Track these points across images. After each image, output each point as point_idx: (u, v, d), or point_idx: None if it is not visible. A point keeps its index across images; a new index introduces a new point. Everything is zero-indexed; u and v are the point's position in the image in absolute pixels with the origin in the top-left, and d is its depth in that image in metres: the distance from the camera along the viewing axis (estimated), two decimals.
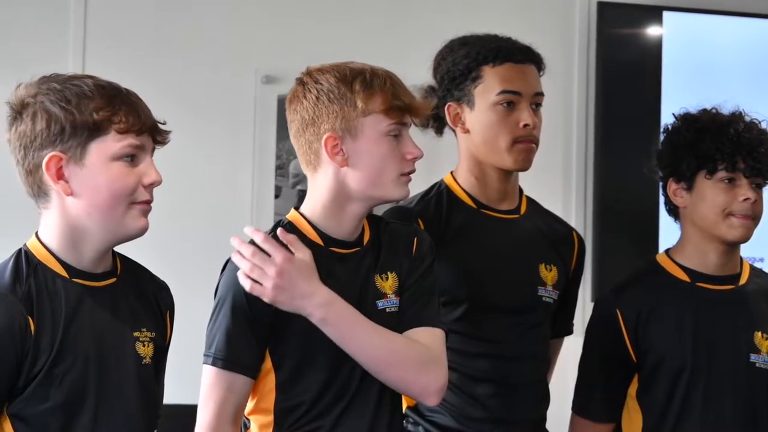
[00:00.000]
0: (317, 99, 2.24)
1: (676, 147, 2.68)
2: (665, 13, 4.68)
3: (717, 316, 2.66)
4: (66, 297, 2.01)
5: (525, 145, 2.63)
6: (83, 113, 1.98)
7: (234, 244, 2.18)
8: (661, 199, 2.77)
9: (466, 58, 2.65)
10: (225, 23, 4.47)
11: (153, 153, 2.07)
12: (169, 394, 2.21)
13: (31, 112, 1.99)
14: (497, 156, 2.63)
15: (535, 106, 2.65)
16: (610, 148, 4.59)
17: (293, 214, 2.31)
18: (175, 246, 4.23)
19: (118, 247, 2.10)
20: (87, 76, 2.04)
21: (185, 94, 4.36)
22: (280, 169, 4.44)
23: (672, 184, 2.70)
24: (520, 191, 2.74)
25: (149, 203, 2.05)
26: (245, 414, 2.27)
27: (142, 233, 2.05)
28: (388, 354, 2.21)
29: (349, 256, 2.28)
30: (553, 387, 2.76)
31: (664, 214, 2.81)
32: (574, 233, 2.81)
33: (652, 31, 4.69)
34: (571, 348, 2.88)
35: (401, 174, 2.26)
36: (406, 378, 2.24)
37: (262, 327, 2.20)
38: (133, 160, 2.02)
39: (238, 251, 2.17)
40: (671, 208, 2.73)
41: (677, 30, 4.68)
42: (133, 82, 2.12)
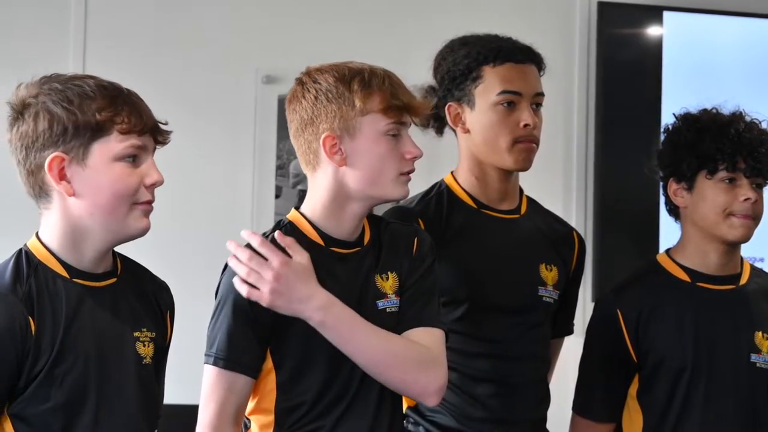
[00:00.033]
0: (316, 99, 2.24)
1: (676, 147, 2.68)
2: (665, 13, 4.68)
3: (717, 316, 2.66)
4: (66, 297, 2.01)
5: (525, 145, 2.62)
6: (86, 114, 1.98)
7: (230, 248, 2.17)
8: (662, 199, 2.77)
9: (466, 58, 2.65)
10: (225, 23, 4.47)
11: (154, 153, 2.06)
12: (169, 394, 2.21)
13: (33, 112, 1.99)
14: (497, 156, 2.63)
15: (536, 106, 2.65)
16: (611, 148, 4.59)
17: (294, 213, 2.31)
18: (175, 246, 4.22)
19: (118, 247, 2.10)
20: (88, 77, 2.04)
21: (185, 94, 4.36)
22: (281, 169, 4.44)
23: (672, 184, 2.70)
24: (521, 191, 2.74)
25: (151, 203, 2.04)
26: (246, 414, 2.26)
27: (143, 233, 2.05)
28: (387, 355, 2.21)
29: (350, 256, 2.28)
30: (554, 387, 2.76)
31: (665, 214, 2.81)
32: (574, 233, 2.81)
33: (653, 31, 4.69)
34: (571, 348, 2.88)
35: (400, 173, 2.26)
36: (406, 379, 2.23)
37: (263, 327, 2.20)
38: (135, 160, 2.02)
39: (234, 255, 2.17)
40: (672, 208, 2.74)
41: (677, 30, 4.68)
42: (133, 82, 2.12)
